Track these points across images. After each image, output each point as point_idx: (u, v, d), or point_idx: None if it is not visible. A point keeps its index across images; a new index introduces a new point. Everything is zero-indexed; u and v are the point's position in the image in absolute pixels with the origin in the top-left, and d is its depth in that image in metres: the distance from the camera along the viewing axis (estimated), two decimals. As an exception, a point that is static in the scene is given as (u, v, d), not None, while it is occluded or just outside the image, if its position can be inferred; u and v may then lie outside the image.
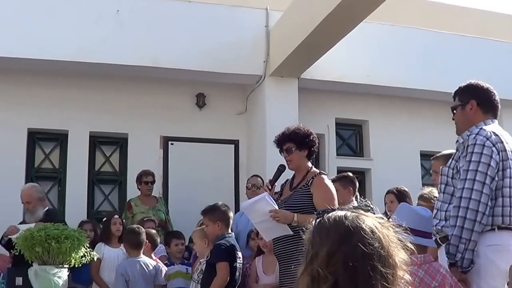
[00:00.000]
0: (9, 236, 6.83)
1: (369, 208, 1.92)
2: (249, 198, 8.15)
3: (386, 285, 1.78)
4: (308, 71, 9.62)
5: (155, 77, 9.81)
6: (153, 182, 8.91)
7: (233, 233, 6.14)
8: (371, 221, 1.87)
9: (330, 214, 1.90)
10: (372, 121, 11.07)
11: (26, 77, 9.50)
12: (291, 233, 5.20)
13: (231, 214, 6.12)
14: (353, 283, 1.76)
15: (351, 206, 1.97)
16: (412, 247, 1.98)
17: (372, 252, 1.79)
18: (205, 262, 6.12)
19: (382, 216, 1.95)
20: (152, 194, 8.97)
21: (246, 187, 8.30)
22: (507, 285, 3.84)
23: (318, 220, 1.92)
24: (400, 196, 7.01)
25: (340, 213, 1.89)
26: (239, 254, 6.00)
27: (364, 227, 1.83)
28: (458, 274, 4.00)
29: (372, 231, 1.83)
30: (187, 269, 7.38)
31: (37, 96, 9.58)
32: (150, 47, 9.24)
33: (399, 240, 1.89)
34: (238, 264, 5.94)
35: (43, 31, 8.79)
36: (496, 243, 4.08)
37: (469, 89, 4.45)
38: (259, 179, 8.21)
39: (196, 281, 6.23)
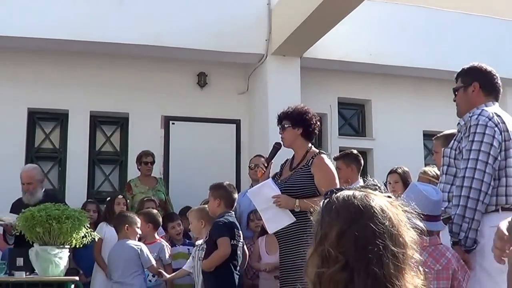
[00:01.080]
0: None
1: (377, 187, 1.87)
2: (251, 178, 8.19)
3: (397, 264, 1.75)
4: (310, 50, 9.54)
5: (156, 56, 9.74)
6: (152, 162, 8.88)
7: (233, 212, 6.08)
8: (380, 199, 1.83)
9: (338, 194, 1.86)
10: (375, 101, 11.01)
11: (26, 56, 9.45)
12: (295, 220, 5.22)
13: (236, 195, 6.09)
14: (364, 263, 1.73)
15: (358, 186, 1.92)
16: (422, 226, 1.94)
17: (383, 231, 1.75)
18: (204, 243, 6.08)
19: (390, 194, 1.91)
20: (152, 175, 8.94)
21: (249, 167, 8.26)
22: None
23: (326, 201, 1.87)
24: (405, 176, 6.96)
25: (349, 192, 1.85)
26: (239, 232, 5.96)
27: (374, 206, 1.79)
28: (461, 253, 4.03)
29: (382, 210, 1.79)
30: (188, 249, 7.36)
31: (37, 75, 9.53)
32: (151, 25, 9.16)
33: (408, 219, 1.85)
34: (239, 242, 5.88)
35: (43, 9, 8.71)
36: (501, 224, 4.07)
37: (472, 71, 4.47)
38: (262, 159, 8.17)
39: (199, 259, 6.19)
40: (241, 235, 5.99)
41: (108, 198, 8.00)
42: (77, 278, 6.14)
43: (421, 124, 11.00)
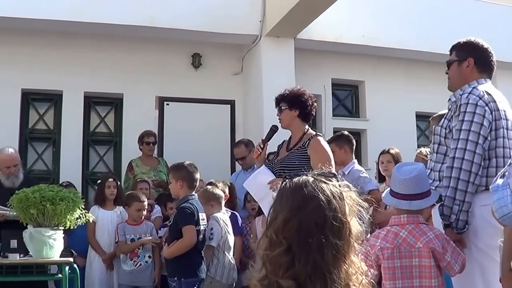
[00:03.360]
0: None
1: (333, 175, 1.94)
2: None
3: (336, 255, 1.82)
4: (304, 31, 9.53)
5: (151, 37, 9.71)
6: (154, 143, 8.86)
7: (196, 195, 5.95)
8: (330, 189, 1.89)
9: (294, 180, 1.93)
10: (368, 82, 11.03)
11: (20, 37, 9.39)
12: None
13: (197, 175, 5.92)
14: (305, 250, 1.81)
15: (315, 172, 1.97)
16: (368, 219, 2.01)
17: (325, 222, 1.83)
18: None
19: (347, 184, 1.96)
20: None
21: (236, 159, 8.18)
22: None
23: (282, 185, 1.95)
24: (397, 157, 7.00)
25: (302, 179, 1.92)
26: (203, 215, 5.86)
27: (320, 196, 1.85)
28: (453, 235, 4.00)
29: (329, 201, 1.85)
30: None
31: (31, 56, 9.48)
32: (146, 6, 9.14)
33: (358, 211, 1.91)
34: (201, 226, 5.78)
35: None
36: (491, 203, 4.03)
37: (468, 46, 4.39)
38: (242, 146, 8.26)
39: None
40: (205, 219, 5.89)
41: (99, 181, 7.97)
42: (71, 259, 6.15)
43: (414, 105, 11.04)
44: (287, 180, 1.95)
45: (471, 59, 4.31)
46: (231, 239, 6.49)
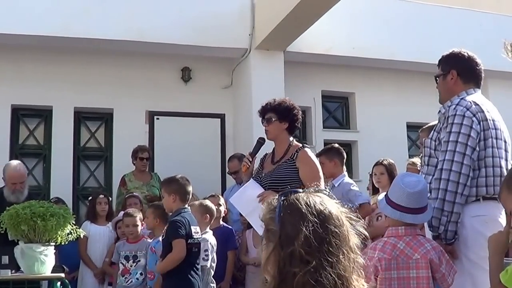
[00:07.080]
0: None
1: (328, 193, 2.00)
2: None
3: (354, 266, 1.89)
4: (294, 44, 9.56)
5: (140, 51, 9.71)
6: (148, 158, 8.79)
7: (189, 208, 5.91)
8: (334, 205, 1.95)
9: (297, 196, 1.94)
10: (359, 94, 11.06)
11: (9, 52, 9.38)
12: None
13: (190, 188, 5.88)
14: (330, 265, 1.83)
15: (311, 190, 2.01)
16: (366, 233, 2.05)
17: (341, 236, 1.88)
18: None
19: (337, 201, 2.02)
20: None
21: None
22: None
23: (285, 201, 1.94)
24: (391, 168, 6.97)
25: (308, 196, 1.95)
26: (197, 229, 5.78)
27: (332, 211, 1.91)
28: (443, 246, 3.97)
29: (338, 215, 1.91)
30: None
31: (21, 72, 9.48)
32: (135, 21, 9.14)
33: (351, 225, 1.98)
34: (195, 239, 5.72)
35: (25, 5, 8.65)
36: (482, 214, 4.05)
37: (450, 58, 4.41)
38: (236, 160, 8.23)
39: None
40: (199, 231, 5.82)
41: (90, 198, 7.95)
42: (63, 275, 6.11)
43: (405, 116, 11.07)
44: (285, 197, 1.95)
45: (454, 71, 4.32)
46: (214, 258, 6.49)
